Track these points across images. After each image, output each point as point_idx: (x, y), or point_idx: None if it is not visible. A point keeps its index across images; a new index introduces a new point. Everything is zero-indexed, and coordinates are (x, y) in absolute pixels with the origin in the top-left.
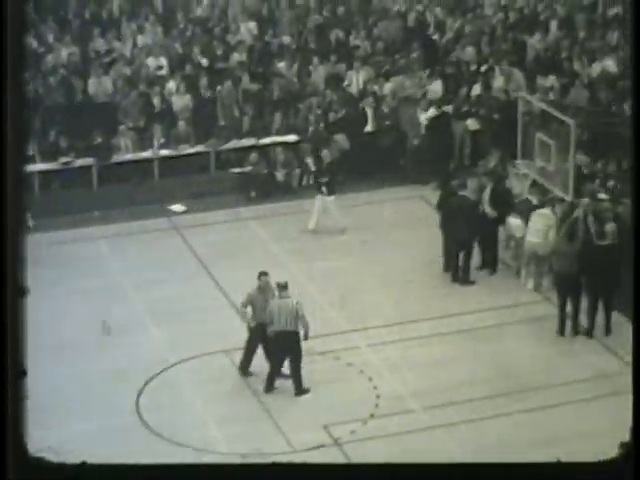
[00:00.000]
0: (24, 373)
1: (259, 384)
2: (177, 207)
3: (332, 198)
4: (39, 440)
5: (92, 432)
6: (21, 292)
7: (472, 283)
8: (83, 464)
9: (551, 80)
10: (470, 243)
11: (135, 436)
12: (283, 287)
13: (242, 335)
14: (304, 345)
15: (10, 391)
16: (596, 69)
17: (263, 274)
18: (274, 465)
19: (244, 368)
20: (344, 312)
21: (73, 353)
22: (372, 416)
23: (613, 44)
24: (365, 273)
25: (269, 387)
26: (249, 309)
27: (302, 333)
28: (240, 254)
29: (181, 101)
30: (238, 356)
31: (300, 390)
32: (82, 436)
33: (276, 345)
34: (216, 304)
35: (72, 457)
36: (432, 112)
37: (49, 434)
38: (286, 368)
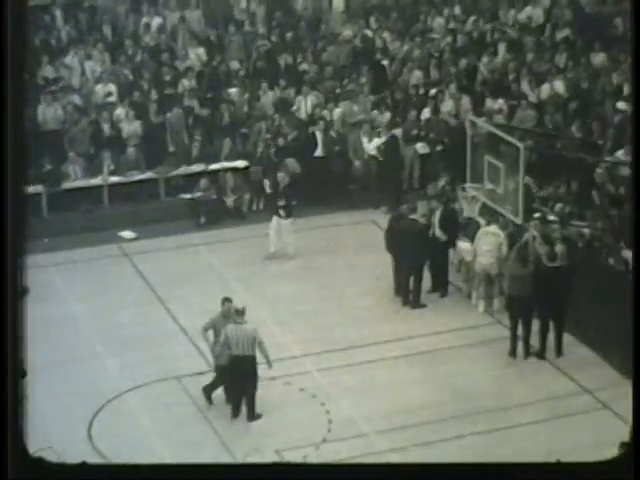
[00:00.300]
0: (24, 373)
1: (212, 409)
2: (127, 234)
3: (289, 221)
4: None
5: None
6: (21, 292)
7: (423, 306)
8: (83, 464)
9: (500, 103)
10: (420, 266)
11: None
12: (240, 313)
13: (194, 361)
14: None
15: (10, 391)
16: (544, 91)
17: (227, 300)
18: (274, 465)
19: (208, 392)
20: (295, 337)
21: (24, 381)
22: (324, 440)
23: (561, 66)
24: (316, 297)
25: (236, 412)
26: (210, 333)
27: (264, 360)
28: (191, 280)
29: (130, 127)
30: (190, 382)
31: (253, 416)
32: None
33: (233, 370)
34: (167, 330)
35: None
36: (381, 137)
37: None
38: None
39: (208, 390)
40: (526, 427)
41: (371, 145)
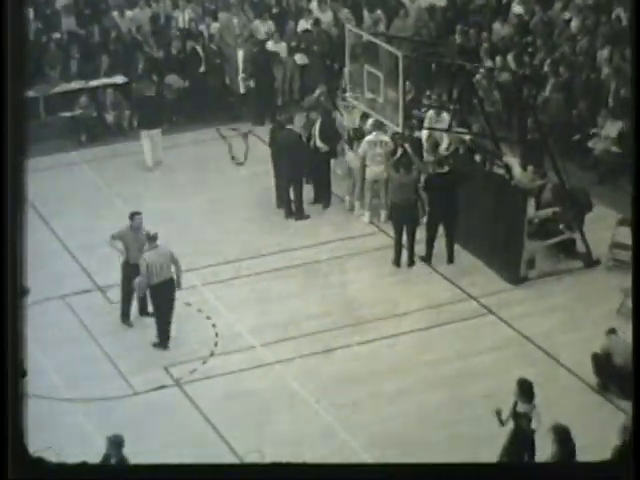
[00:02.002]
0: (24, 373)
1: (99, 326)
2: None
3: (158, 131)
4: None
5: None
6: (21, 292)
7: (306, 217)
8: (83, 464)
9: (378, 13)
10: (300, 177)
11: None
12: (153, 238)
13: (78, 279)
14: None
15: (10, 391)
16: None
17: (136, 214)
18: (274, 465)
19: (126, 314)
20: (180, 251)
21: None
22: (212, 355)
23: None
24: (200, 211)
25: (165, 344)
26: (119, 244)
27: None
28: (73, 198)
29: None
30: (75, 300)
31: (168, 341)
32: None
33: (159, 295)
34: (51, 249)
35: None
36: (259, 50)
37: None
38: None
39: (125, 311)
40: (412, 334)
41: (240, 62)
